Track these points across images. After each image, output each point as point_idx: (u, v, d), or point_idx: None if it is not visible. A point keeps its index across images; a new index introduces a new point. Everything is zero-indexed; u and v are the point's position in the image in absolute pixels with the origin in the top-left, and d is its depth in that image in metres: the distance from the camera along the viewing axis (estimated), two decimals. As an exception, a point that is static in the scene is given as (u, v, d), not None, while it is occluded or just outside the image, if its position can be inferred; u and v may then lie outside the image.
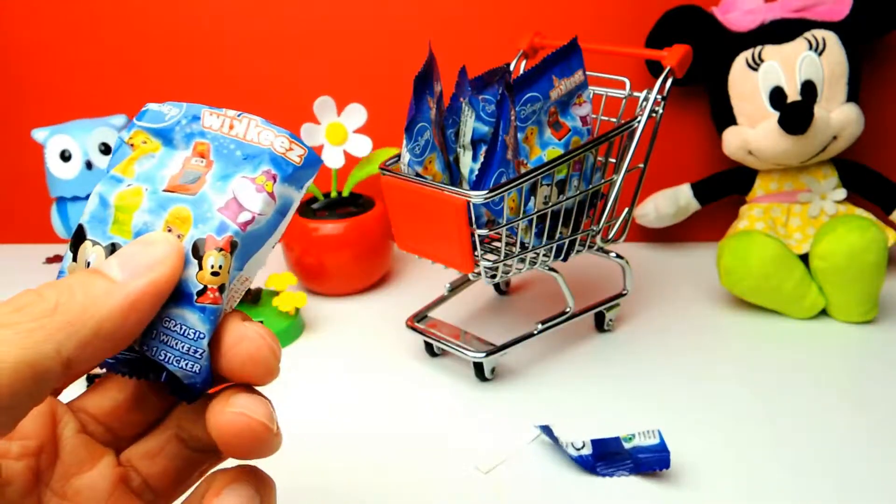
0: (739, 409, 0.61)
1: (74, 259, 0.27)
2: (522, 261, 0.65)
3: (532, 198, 0.63)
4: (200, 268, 0.26)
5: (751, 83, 0.78)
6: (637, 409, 0.61)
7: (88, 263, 0.26)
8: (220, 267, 0.26)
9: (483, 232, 0.60)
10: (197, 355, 0.25)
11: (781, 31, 0.78)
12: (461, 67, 0.63)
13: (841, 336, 0.71)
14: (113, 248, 0.26)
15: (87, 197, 0.81)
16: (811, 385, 0.63)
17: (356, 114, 0.82)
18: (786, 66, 0.76)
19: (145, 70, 0.95)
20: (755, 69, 0.78)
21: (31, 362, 0.21)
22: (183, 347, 0.25)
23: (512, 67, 0.78)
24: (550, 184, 0.64)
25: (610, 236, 0.69)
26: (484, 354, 0.64)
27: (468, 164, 0.65)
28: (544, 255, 0.66)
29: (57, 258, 0.85)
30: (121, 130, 0.83)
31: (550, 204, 0.64)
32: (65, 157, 0.81)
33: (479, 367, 0.66)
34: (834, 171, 0.80)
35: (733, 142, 0.80)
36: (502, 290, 0.83)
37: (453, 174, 0.66)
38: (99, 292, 0.23)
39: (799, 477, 0.52)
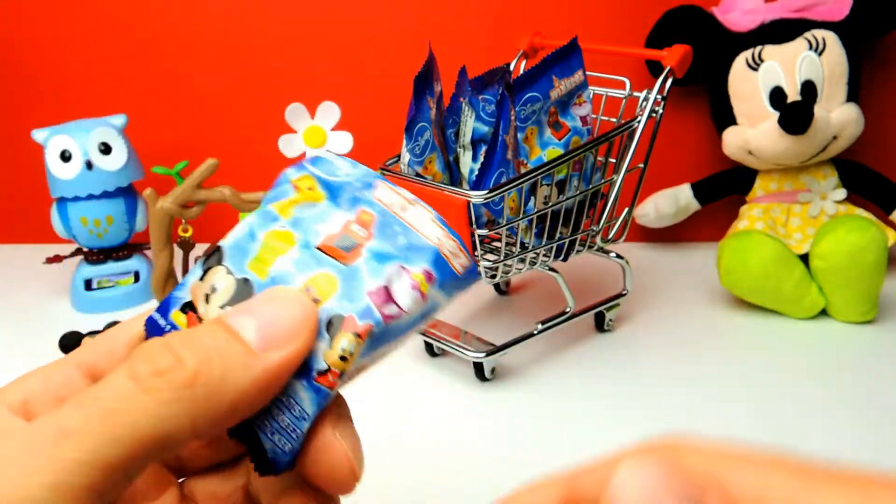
0: (739, 408, 0.61)
1: (202, 278, 0.25)
2: (522, 261, 0.65)
3: (532, 198, 0.63)
4: (330, 347, 0.23)
5: (751, 83, 0.78)
6: (637, 408, 0.61)
7: (214, 289, 0.24)
8: (351, 353, 0.23)
9: (483, 232, 0.60)
10: (294, 435, 0.24)
11: (781, 31, 0.78)
12: (461, 67, 0.63)
13: (841, 336, 0.71)
14: (245, 284, 0.24)
15: (88, 197, 0.81)
16: (811, 385, 0.63)
17: (330, 112, 0.80)
18: (786, 66, 0.76)
19: (144, 71, 0.95)
20: (755, 69, 0.78)
21: (164, 436, 0.20)
22: (283, 422, 0.24)
23: (512, 67, 0.78)
24: (550, 184, 0.64)
25: (610, 236, 0.69)
26: (484, 354, 0.64)
27: (468, 164, 0.65)
28: (544, 255, 0.66)
29: (57, 258, 0.85)
30: (121, 131, 0.83)
31: (550, 204, 0.64)
32: (65, 157, 0.81)
33: (479, 367, 0.65)
34: (834, 171, 0.80)
35: (733, 142, 0.80)
36: (502, 290, 0.83)
37: (453, 174, 0.66)
38: (237, 364, 0.22)
39: (799, 477, 0.52)
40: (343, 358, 0.23)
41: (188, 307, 0.25)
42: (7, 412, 0.23)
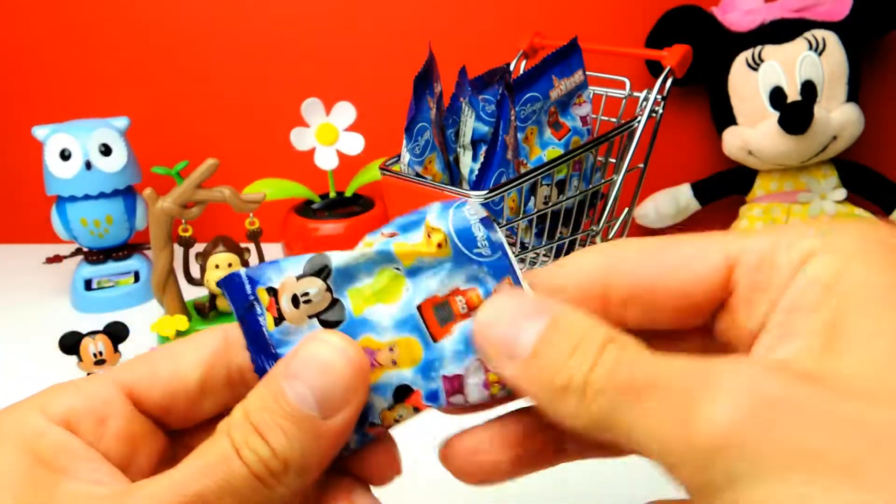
0: (739, 409, 0.60)
1: (298, 278, 0.25)
2: (522, 261, 0.65)
3: (532, 198, 0.63)
4: (390, 409, 0.25)
5: (751, 83, 0.78)
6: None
7: (307, 297, 0.24)
8: (404, 420, 0.25)
9: (483, 232, 0.60)
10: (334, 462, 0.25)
11: (781, 31, 0.78)
12: (461, 67, 0.63)
13: (841, 336, 0.71)
14: (338, 306, 0.25)
15: (85, 197, 0.81)
16: (811, 385, 0.63)
17: (345, 112, 0.81)
18: (786, 66, 0.76)
19: (145, 70, 0.95)
20: (755, 69, 0.78)
21: None
22: None
23: (512, 67, 0.78)
24: (550, 184, 0.64)
25: (610, 236, 0.69)
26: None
27: (468, 164, 0.65)
28: (544, 255, 0.66)
29: (57, 258, 0.85)
30: (123, 133, 0.83)
31: (550, 204, 0.64)
32: (64, 156, 0.81)
33: (479, 367, 0.65)
34: (834, 171, 0.80)
35: (733, 142, 0.80)
36: (502, 290, 0.83)
37: (453, 174, 0.66)
38: (310, 438, 0.22)
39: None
40: (397, 420, 0.25)
41: (273, 292, 0.24)
42: (91, 471, 0.22)
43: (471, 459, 0.26)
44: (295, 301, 0.24)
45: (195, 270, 0.75)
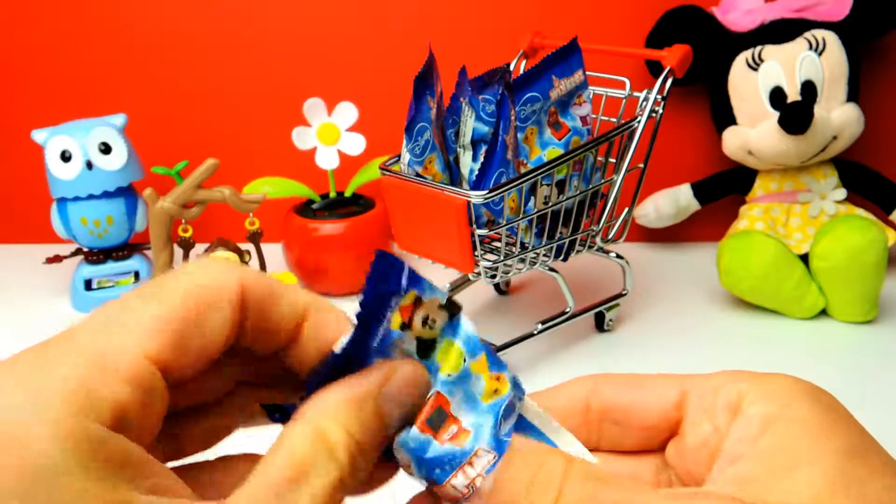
0: (739, 409, 0.61)
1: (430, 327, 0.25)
2: (522, 261, 0.65)
3: (532, 198, 0.63)
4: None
5: (751, 83, 0.78)
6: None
7: (432, 326, 0.25)
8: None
9: (483, 232, 0.60)
10: None
11: (781, 31, 0.78)
12: (461, 67, 0.63)
13: (841, 336, 0.71)
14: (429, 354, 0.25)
15: (88, 197, 0.81)
16: (811, 385, 0.63)
17: (347, 112, 0.81)
18: (786, 66, 0.76)
19: (145, 70, 0.95)
20: (755, 69, 0.78)
21: None
22: None
23: (512, 67, 0.78)
24: (550, 184, 0.64)
25: (610, 236, 0.69)
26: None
27: (468, 164, 0.65)
28: (544, 255, 0.66)
29: (57, 258, 0.85)
30: (121, 130, 0.83)
31: (550, 204, 0.64)
32: (65, 157, 0.81)
33: (479, 367, 0.65)
34: (834, 171, 0.80)
35: (733, 142, 0.80)
36: (502, 290, 0.83)
37: (453, 174, 0.66)
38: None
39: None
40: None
41: (418, 302, 0.24)
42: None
43: None
44: (424, 322, 0.24)
45: None
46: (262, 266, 0.76)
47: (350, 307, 0.25)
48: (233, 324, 0.22)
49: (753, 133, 0.78)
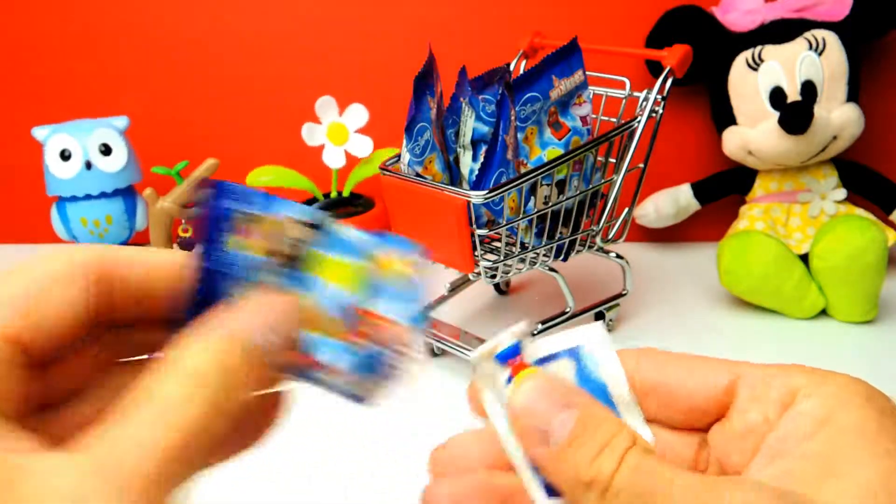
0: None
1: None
2: (522, 261, 0.65)
3: (532, 198, 0.63)
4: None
5: (751, 83, 0.78)
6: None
7: (295, 244, 0.25)
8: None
9: (483, 232, 0.60)
10: None
11: (781, 31, 0.78)
12: (461, 67, 0.63)
13: (841, 336, 0.71)
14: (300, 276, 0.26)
15: (86, 197, 0.81)
16: (811, 385, 0.63)
17: (358, 114, 0.82)
18: (786, 66, 0.76)
19: (145, 70, 0.95)
20: (755, 69, 0.78)
21: None
22: None
23: (512, 67, 0.78)
24: (550, 184, 0.64)
25: (610, 236, 0.69)
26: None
27: (468, 164, 0.65)
28: (544, 255, 0.66)
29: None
30: (122, 133, 0.83)
31: (550, 204, 0.64)
32: (64, 156, 0.81)
33: (479, 367, 0.65)
34: (834, 171, 0.80)
35: (733, 142, 0.80)
36: (502, 290, 0.83)
37: (453, 174, 0.66)
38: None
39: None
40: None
41: (256, 220, 0.25)
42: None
43: None
44: (282, 242, 0.25)
45: None
46: None
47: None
48: (89, 297, 0.23)
49: (753, 133, 0.78)
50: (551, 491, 0.25)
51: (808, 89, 0.76)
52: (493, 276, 0.64)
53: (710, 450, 0.26)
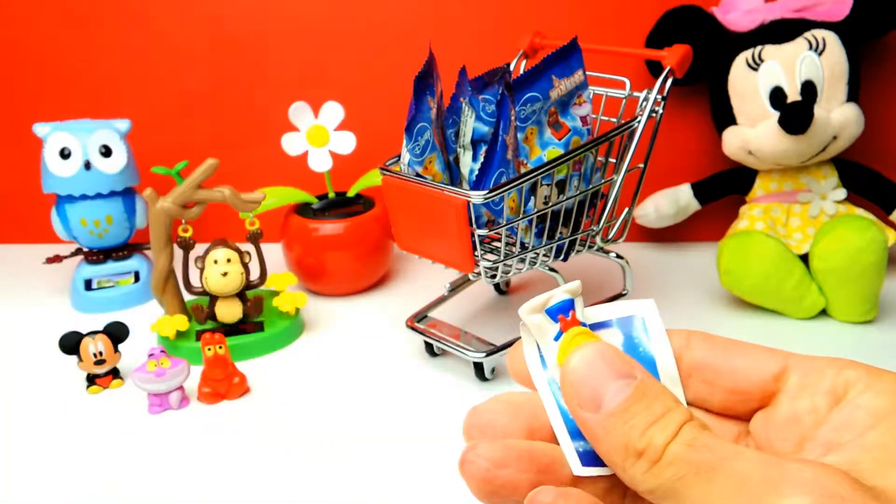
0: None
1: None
2: (522, 261, 0.65)
3: (532, 198, 0.63)
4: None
5: (751, 83, 0.78)
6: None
7: None
8: None
9: (483, 232, 0.60)
10: None
11: (781, 31, 0.78)
12: (461, 67, 0.63)
13: (841, 336, 0.71)
14: None
15: (83, 197, 0.81)
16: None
17: (333, 112, 0.81)
18: (786, 66, 0.76)
19: (145, 70, 0.95)
20: (755, 69, 0.78)
21: None
22: None
23: (512, 67, 0.78)
24: (550, 184, 0.64)
25: (610, 236, 0.69)
26: (484, 354, 0.64)
27: (468, 164, 0.65)
28: (544, 255, 0.66)
29: (57, 258, 0.85)
30: (124, 136, 0.83)
31: (550, 204, 0.64)
32: (64, 154, 0.81)
33: (479, 367, 0.65)
34: (834, 171, 0.80)
35: (733, 142, 0.80)
36: (502, 290, 0.83)
37: (453, 174, 0.66)
38: None
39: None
40: None
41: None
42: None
43: (495, 473, 0.25)
44: None
45: (195, 278, 0.74)
46: (262, 266, 0.76)
47: (349, 307, 0.25)
48: None
49: (753, 133, 0.78)
50: (588, 460, 0.24)
51: (808, 89, 0.76)
52: (493, 276, 0.64)
53: (751, 439, 0.25)
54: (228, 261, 0.72)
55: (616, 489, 0.26)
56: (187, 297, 0.77)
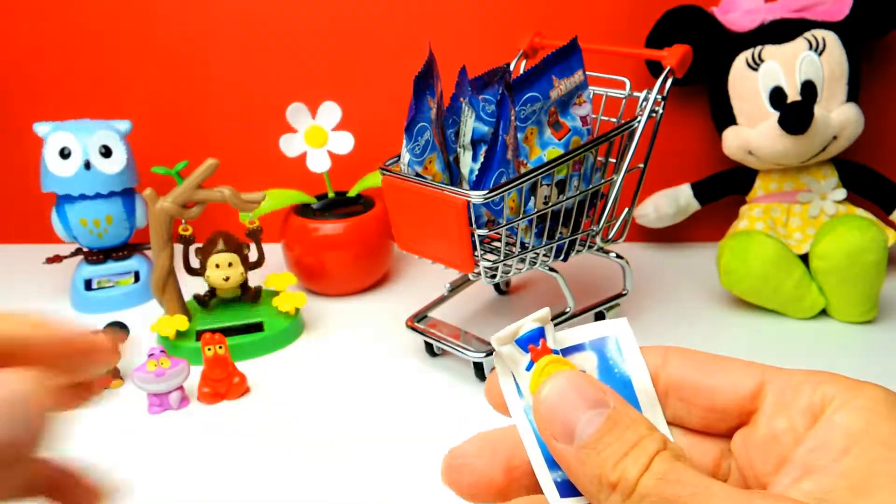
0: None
1: None
2: (522, 261, 0.65)
3: (532, 198, 0.63)
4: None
5: (751, 83, 0.78)
6: (637, 409, 0.61)
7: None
8: None
9: (483, 232, 0.60)
10: None
11: (781, 31, 0.78)
12: (461, 67, 0.63)
13: (841, 336, 0.71)
14: None
15: (83, 197, 0.81)
16: (811, 385, 0.63)
17: (331, 112, 0.81)
18: (786, 66, 0.76)
19: (145, 70, 0.95)
20: (755, 69, 0.78)
21: None
22: None
23: (512, 67, 0.78)
24: (550, 184, 0.64)
25: (610, 236, 0.69)
26: (484, 354, 0.64)
27: (468, 164, 0.65)
28: (544, 255, 0.66)
29: (57, 258, 0.85)
30: (124, 136, 0.83)
31: (550, 204, 0.64)
32: (64, 154, 0.81)
33: (479, 367, 0.65)
34: (834, 171, 0.80)
35: (733, 142, 0.80)
36: (502, 290, 0.83)
37: (453, 174, 0.66)
38: None
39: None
40: None
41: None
42: None
43: (463, 468, 0.27)
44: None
45: (195, 262, 0.76)
46: (261, 258, 0.77)
47: (349, 307, 0.25)
48: None
49: (753, 133, 0.78)
50: (566, 490, 0.24)
51: (808, 89, 0.76)
52: (493, 276, 0.64)
53: (732, 458, 0.25)
54: (230, 265, 0.72)
55: None
56: (188, 292, 0.77)
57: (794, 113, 0.72)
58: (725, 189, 0.86)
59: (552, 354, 0.25)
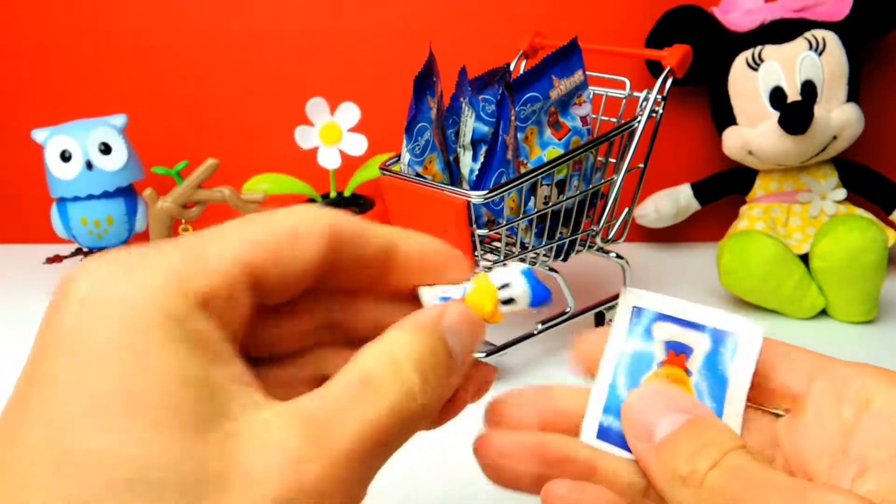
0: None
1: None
2: (522, 261, 0.65)
3: (532, 198, 0.63)
4: None
5: (751, 83, 0.78)
6: (637, 409, 0.61)
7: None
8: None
9: (483, 232, 0.60)
10: None
11: (781, 31, 0.78)
12: (461, 67, 0.63)
13: (841, 336, 0.71)
14: None
15: (88, 197, 0.81)
16: (811, 385, 0.63)
17: (350, 112, 0.81)
18: (786, 66, 0.76)
19: (144, 70, 0.95)
20: (755, 69, 0.78)
21: None
22: None
23: (512, 67, 0.78)
24: (550, 184, 0.64)
25: (610, 236, 0.69)
26: (484, 354, 0.64)
27: (468, 164, 0.65)
28: (544, 255, 0.66)
29: (57, 258, 0.85)
30: (121, 131, 0.83)
31: (550, 204, 0.64)
32: (65, 157, 0.81)
33: (479, 367, 0.65)
34: (834, 171, 0.80)
35: (733, 142, 0.80)
36: (502, 290, 0.83)
37: (453, 174, 0.66)
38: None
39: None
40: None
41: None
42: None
43: (500, 461, 0.27)
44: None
45: None
46: None
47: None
48: (324, 254, 0.24)
49: (753, 133, 0.78)
50: (604, 434, 0.26)
51: (808, 89, 0.76)
52: (493, 276, 0.63)
53: (777, 448, 0.26)
54: None
55: (635, 486, 0.26)
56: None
57: (794, 113, 0.72)
58: (725, 189, 0.86)
59: (679, 369, 0.26)
